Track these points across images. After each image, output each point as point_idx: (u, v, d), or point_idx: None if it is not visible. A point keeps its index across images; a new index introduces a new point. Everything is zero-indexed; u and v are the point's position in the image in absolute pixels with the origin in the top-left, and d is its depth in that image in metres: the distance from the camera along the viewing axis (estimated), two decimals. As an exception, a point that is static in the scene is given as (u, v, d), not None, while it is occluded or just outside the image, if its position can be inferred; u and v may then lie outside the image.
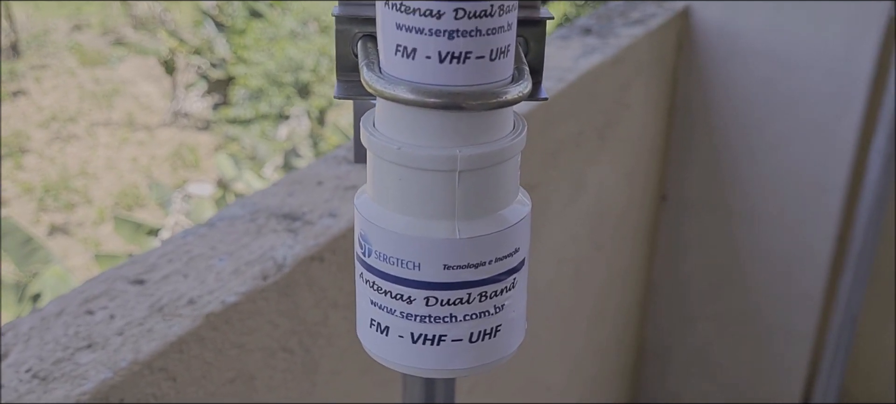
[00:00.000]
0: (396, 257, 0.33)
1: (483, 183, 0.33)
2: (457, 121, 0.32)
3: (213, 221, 0.77)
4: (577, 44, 1.26)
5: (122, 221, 5.89)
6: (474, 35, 0.31)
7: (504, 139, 0.33)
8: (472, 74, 0.31)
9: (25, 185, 8.74)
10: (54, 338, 0.60)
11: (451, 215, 0.32)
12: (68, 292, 0.66)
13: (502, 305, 0.34)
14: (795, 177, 1.40)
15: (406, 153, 0.32)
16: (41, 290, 4.57)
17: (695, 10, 1.45)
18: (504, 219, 0.33)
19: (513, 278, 0.34)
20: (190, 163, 9.14)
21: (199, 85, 9.46)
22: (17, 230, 5.20)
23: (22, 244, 5.13)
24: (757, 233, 1.47)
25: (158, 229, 5.58)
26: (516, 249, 0.34)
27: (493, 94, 0.31)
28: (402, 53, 0.31)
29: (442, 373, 0.35)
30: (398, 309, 0.34)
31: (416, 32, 0.30)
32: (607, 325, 1.48)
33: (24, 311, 4.46)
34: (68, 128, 9.85)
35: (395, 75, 0.31)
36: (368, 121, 0.34)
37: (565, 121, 1.14)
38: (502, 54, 0.32)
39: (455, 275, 0.33)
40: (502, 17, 0.31)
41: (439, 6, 0.30)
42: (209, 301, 0.65)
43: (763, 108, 1.41)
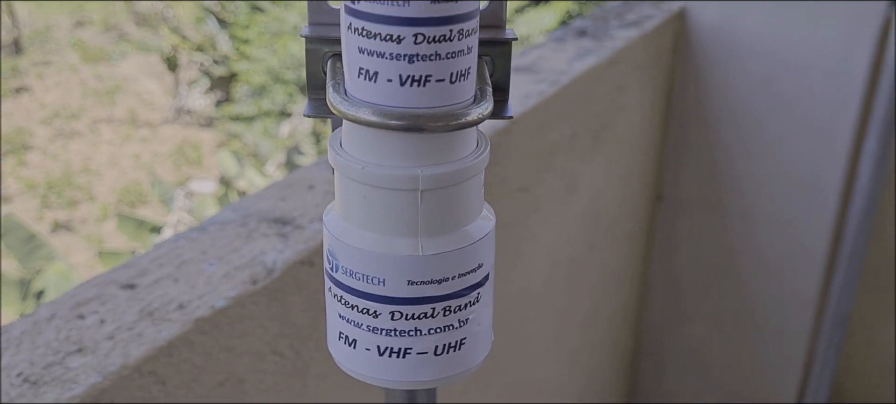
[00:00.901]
0: (362, 273, 0.34)
1: (446, 201, 0.34)
2: (419, 141, 0.33)
3: (205, 226, 0.77)
4: (572, 46, 1.27)
5: (124, 219, 5.91)
6: (434, 59, 0.32)
7: (466, 158, 0.34)
8: (433, 97, 0.32)
9: (28, 182, 8.76)
10: (45, 342, 0.61)
11: (414, 232, 0.33)
12: (60, 296, 0.66)
13: (466, 319, 0.35)
14: (791, 178, 1.41)
15: (370, 172, 0.33)
16: (44, 287, 4.59)
17: (691, 11, 1.45)
18: (467, 236, 0.34)
19: (477, 293, 0.35)
20: (193, 160, 9.16)
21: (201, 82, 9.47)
22: (20, 227, 5.22)
23: (25, 241, 5.14)
24: (753, 234, 1.48)
25: (161, 226, 5.60)
26: (480, 265, 0.35)
27: (453, 116, 0.32)
28: (364, 76, 0.32)
29: (408, 385, 0.36)
30: (365, 323, 0.35)
31: (378, 56, 0.31)
32: (602, 325, 1.49)
33: (28, 309, 4.48)
34: (71, 124, 9.87)
35: (358, 97, 0.32)
36: (335, 141, 0.35)
37: (559, 123, 1.14)
38: (462, 77, 0.33)
39: (419, 290, 0.34)
40: (462, 41, 0.32)
41: (399, 31, 0.31)
42: (199, 305, 0.66)
43: (759, 109, 1.41)
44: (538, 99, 1.07)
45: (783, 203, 1.43)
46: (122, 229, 5.81)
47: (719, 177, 1.48)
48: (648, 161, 1.48)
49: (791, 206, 1.42)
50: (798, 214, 1.41)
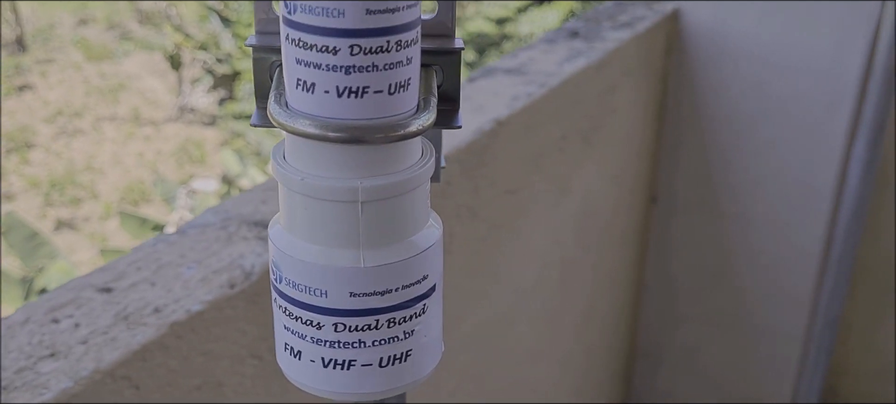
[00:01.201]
0: (305, 284, 0.34)
1: (387, 212, 0.33)
2: (358, 153, 0.32)
3: (185, 229, 0.77)
4: (563, 47, 1.26)
5: (127, 217, 5.91)
6: (371, 70, 0.31)
7: (409, 169, 0.34)
8: (371, 108, 0.32)
9: (32, 180, 8.78)
10: (18, 347, 0.61)
11: (355, 244, 0.33)
12: (36, 300, 0.66)
13: (412, 330, 0.35)
14: (785, 179, 1.40)
15: (309, 184, 0.33)
16: (46, 286, 4.59)
17: (684, 12, 1.44)
18: (411, 247, 0.34)
19: (422, 304, 0.35)
20: (196, 158, 9.17)
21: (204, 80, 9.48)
22: (23, 225, 5.22)
23: (27, 239, 5.15)
24: (747, 235, 1.47)
25: (163, 225, 5.61)
26: (425, 276, 0.35)
27: (392, 128, 0.32)
28: (302, 87, 0.32)
29: (354, 397, 0.35)
30: (309, 335, 0.34)
31: (314, 67, 0.31)
32: (596, 326, 1.48)
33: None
34: (74, 122, 9.88)
35: (297, 108, 0.32)
36: (279, 152, 0.34)
37: (548, 125, 1.14)
38: (402, 88, 0.32)
39: (362, 302, 0.34)
40: (400, 52, 0.32)
41: (335, 42, 0.30)
42: (175, 309, 0.66)
43: (753, 111, 1.41)
44: (527, 101, 1.07)
45: (777, 204, 1.42)
46: (124, 227, 5.81)
47: (714, 179, 1.47)
48: (642, 162, 1.48)
49: (785, 208, 1.41)
50: (792, 216, 1.41)
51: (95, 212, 8.34)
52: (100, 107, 10.24)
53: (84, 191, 8.66)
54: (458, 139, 0.96)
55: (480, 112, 1.03)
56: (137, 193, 8.55)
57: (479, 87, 1.11)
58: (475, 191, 1.01)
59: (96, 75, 10.89)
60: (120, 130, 9.79)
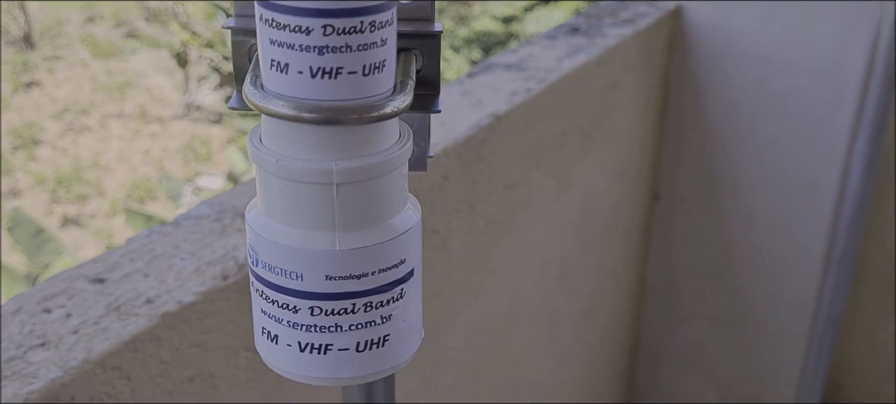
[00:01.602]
0: (281, 267, 0.33)
1: (364, 195, 0.33)
2: (333, 134, 0.32)
3: (179, 220, 0.77)
4: (564, 44, 1.26)
5: (133, 214, 5.93)
6: (344, 51, 0.31)
7: (385, 151, 0.33)
8: (345, 89, 0.31)
9: (39, 177, 8.80)
10: (8, 337, 0.61)
11: (331, 227, 0.33)
12: (28, 290, 0.66)
13: (390, 315, 0.35)
14: (787, 177, 1.39)
15: (284, 166, 0.32)
16: (50, 281, 4.60)
17: (687, 9, 1.44)
18: (388, 231, 0.34)
19: (400, 288, 0.35)
20: (202, 155, 9.18)
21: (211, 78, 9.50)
22: (29, 221, 5.24)
23: (33, 235, 5.16)
24: (750, 233, 1.47)
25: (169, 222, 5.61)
26: (402, 260, 0.34)
27: (367, 108, 0.32)
28: (276, 68, 0.31)
29: (331, 382, 0.35)
30: (285, 319, 0.34)
31: (288, 48, 0.31)
32: (598, 324, 1.48)
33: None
34: (81, 119, 9.91)
35: (272, 90, 0.32)
36: (255, 135, 0.34)
37: (548, 121, 1.13)
38: (377, 69, 0.32)
39: (337, 285, 0.33)
40: (374, 33, 0.31)
41: (308, 23, 0.30)
42: (166, 300, 0.66)
43: (755, 108, 1.40)
44: (526, 96, 1.07)
45: (780, 203, 1.42)
46: (130, 224, 5.82)
47: (716, 177, 1.47)
48: (644, 160, 1.47)
49: (788, 206, 1.41)
50: (794, 213, 1.40)
51: (101, 209, 8.36)
52: (107, 104, 10.26)
53: (90, 188, 8.68)
54: (456, 133, 0.96)
55: (479, 107, 1.03)
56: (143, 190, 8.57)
57: (478, 82, 1.11)
58: (473, 186, 1.00)
59: (103, 72, 10.91)
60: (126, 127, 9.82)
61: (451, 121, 0.98)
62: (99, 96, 10.38)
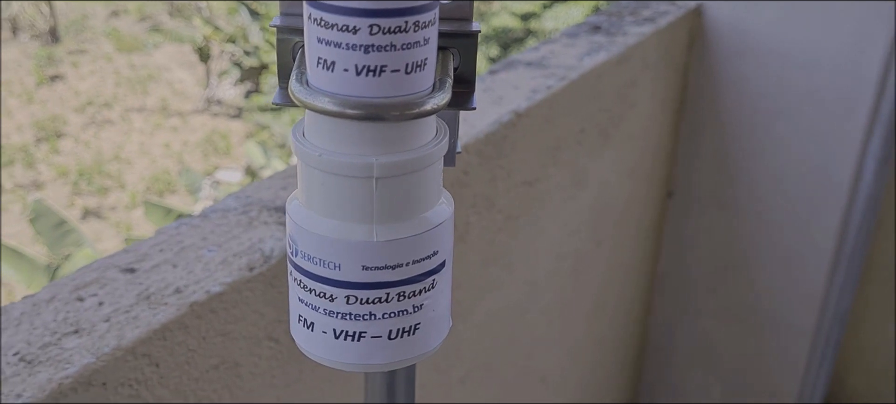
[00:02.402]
0: (319, 257, 0.35)
1: (401, 189, 0.34)
2: (374, 130, 0.34)
3: (207, 213, 0.79)
4: (584, 42, 1.27)
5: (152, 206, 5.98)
6: (389, 50, 0.32)
7: (423, 147, 0.35)
8: (388, 86, 0.33)
9: (61, 169, 8.89)
10: (43, 323, 0.63)
11: (369, 219, 0.34)
12: (61, 279, 0.68)
13: (421, 305, 0.36)
14: (801, 175, 1.40)
15: (326, 159, 0.34)
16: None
17: (707, 8, 1.45)
18: (422, 224, 0.35)
19: (432, 279, 0.36)
20: (221, 149, 9.24)
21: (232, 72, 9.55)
22: (51, 213, 5.30)
23: (55, 227, 5.22)
24: (763, 230, 1.47)
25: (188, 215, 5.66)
26: (435, 252, 0.36)
27: (408, 105, 0.33)
28: (322, 65, 0.33)
29: (361, 368, 0.36)
30: (322, 307, 0.36)
31: (335, 46, 0.32)
32: (608, 318, 1.49)
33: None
34: (104, 113, 9.99)
35: (317, 86, 0.33)
36: (299, 130, 0.36)
37: (566, 118, 1.15)
38: (418, 67, 0.33)
39: (373, 275, 0.35)
40: (418, 32, 0.33)
41: (355, 22, 0.32)
42: (195, 290, 0.68)
43: (772, 107, 1.41)
44: (545, 93, 1.08)
45: (794, 201, 1.42)
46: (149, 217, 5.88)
47: (731, 175, 1.47)
48: (659, 157, 1.48)
49: (801, 204, 1.41)
50: (808, 212, 1.41)
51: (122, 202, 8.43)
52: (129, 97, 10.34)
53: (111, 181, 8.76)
54: (477, 130, 0.97)
55: (500, 104, 1.04)
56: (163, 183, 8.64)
57: (499, 79, 1.12)
58: (492, 181, 1.02)
59: (126, 66, 11.00)
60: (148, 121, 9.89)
61: (472, 117, 1.00)
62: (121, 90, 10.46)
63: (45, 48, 11.26)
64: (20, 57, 11.10)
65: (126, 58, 11.17)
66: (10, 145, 9.28)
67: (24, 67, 10.85)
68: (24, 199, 8.25)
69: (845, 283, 1.28)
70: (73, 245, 5.19)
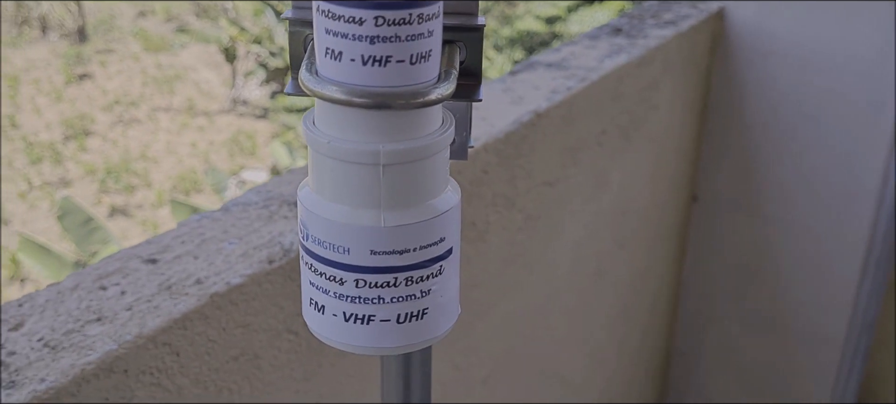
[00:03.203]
0: (329, 242, 0.36)
1: (408, 176, 0.35)
2: (381, 118, 0.35)
3: (229, 206, 0.80)
4: (605, 44, 1.27)
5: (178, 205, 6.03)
6: (394, 41, 0.33)
7: (429, 136, 0.36)
8: (394, 76, 0.34)
9: (88, 167, 8.99)
10: (67, 311, 0.64)
11: (376, 205, 0.35)
12: (86, 268, 0.70)
13: (429, 290, 0.37)
14: (827, 181, 1.39)
15: (335, 147, 0.35)
16: (98, 269, 4.70)
17: (730, 11, 1.44)
18: (429, 210, 0.36)
19: (439, 265, 0.37)
20: (247, 149, 9.30)
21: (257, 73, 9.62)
22: (79, 210, 5.36)
23: (82, 224, 5.28)
24: (788, 236, 1.47)
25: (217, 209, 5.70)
26: (442, 238, 0.37)
27: (413, 95, 0.34)
28: (330, 56, 0.34)
29: (372, 351, 0.37)
30: (332, 290, 0.37)
31: (342, 37, 0.33)
32: (631, 322, 1.49)
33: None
34: (131, 112, 10.09)
35: (326, 76, 0.34)
36: (309, 118, 0.37)
37: (587, 119, 1.15)
38: (423, 58, 0.34)
39: (381, 260, 0.36)
40: (422, 24, 0.34)
41: (361, 14, 0.33)
42: (215, 282, 0.69)
43: (797, 111, 1.40)
44: (565, 94, 1.08)
45: (819, 206, 1.41)
46: (175, 215, 5.93)
47: (756, 179, 1.47)
48: (683, 160, 1.48)
49: (827, 210, 1.40)
50: (834, 218, 1.40)
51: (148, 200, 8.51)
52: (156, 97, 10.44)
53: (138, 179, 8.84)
54: (497, 129, 0.98)
55: (520, 103, 1.05)
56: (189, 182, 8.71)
57: (520, 79, 1.13)
58: (512, 181, 1.02)
59: (153, 66, 11.10)
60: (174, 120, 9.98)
61: (492, 117, 1.00)
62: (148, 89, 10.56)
63: (73, 47, 11.39)
64: (49, 56, 11.24)
65: (153, 57, 11.27)
66: (38, 143, 9.39)
67: (53, 66, 10.98)
68: (53, 197, 8.35)
69: (873, 290, 1.27)
70: (100, 242, 5.24)
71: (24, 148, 9.32)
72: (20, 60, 11.07)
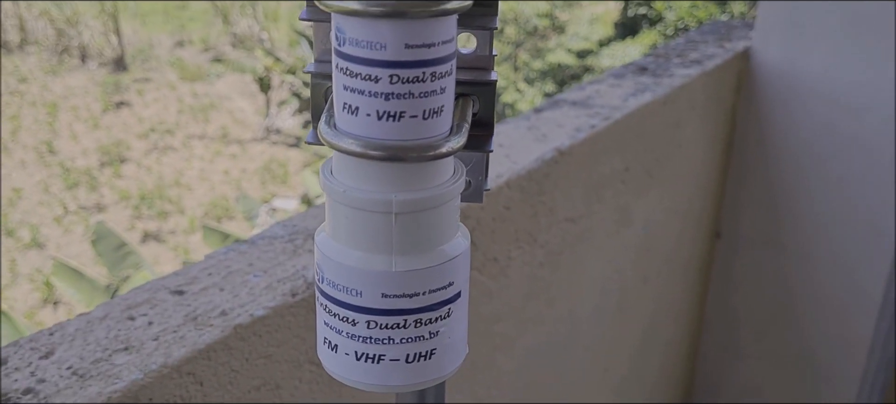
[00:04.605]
0: (342, 284, 0.38)
1: (418, 223, 0.37)
2: (394, 170, 0.36)
3: (255, 239, 0.82)
4: (630, 82, 1.29)
5: (210, 231, 6.10)
6: (408, 97, 0.35)
7: (440, 186, 0.37)
8: (407, 130, 0.36)
9: (123, 193, 9.12)
10: (96, 340, 0.66)
11: (388, 250, 0.37)
12: (115, 298, 0.72)
13: (437, 331, 0.38)
14: (850, 220, 1.39)
15: (350, 195, 0.37)
16: (130, 295, 4.76)
17: (756, 51, 1.45)
18: (439, 256, 0.38)
19: (448, 308, 0.38)
20: (279, 177, 9.39)
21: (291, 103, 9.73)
22: (112, 235, 5.44)
23: (115, 249, 5.36)
24: (810, 273, 1.46)
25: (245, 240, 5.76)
26: (451, 283, 0.38)
27: (425, 148, 0.36)
28: (347, 110, 0.36)
29: (381, 389, 0.39)
30: (344, 330, 0.38)
31: (359, 93, 0.35)
32: (654, 358, 1.49)
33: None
34: (166, 139, 10.24)
35: (343, 129, 0.36)
36: (327, 167, 0.39)
37: (610, 156, 1.16)
38: (436, 113, 0.36)
39: (392, 302, 0.37)
40: (435, 82, 0.35)
41: (377, 72, 0.34)
42: (240, 313, 0.71)
43: (821, 150, 1.41)
44: (589, 132, 1.10)
45: (843, 245, 1.41)
46: (207, 242, 6.00)
47: (779, 217, 1.47)
48: (707, 197, 1.48)
49: (850, 248, 1.40)
50: (857, 256, 1.40)
51: (181, 226, 8.61)
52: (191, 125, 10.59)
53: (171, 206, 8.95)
54: (519, 166, 0.99)
55: (544, 141, 1.06)
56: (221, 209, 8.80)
57: (544, 117, 1.14)
58: (534, 217, 1.04)
59: (189, 94, 11.27)
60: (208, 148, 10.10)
61: (516, 154, 1.02)
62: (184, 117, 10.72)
63: (112, 76, 11.61)
64: (88, 83, 11.46)
65: (189, 86, 11.45)
66: (75, 168, 9.55)
67: (92, 94, 11.19)
68: (87, 221, 8.48)
69: (891, 329, 1.26)
70: (133, 267, 5.31)
71: (61, 173, 9.48)
72: (60, 88, 11.30)
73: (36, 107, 10.83)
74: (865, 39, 1.32)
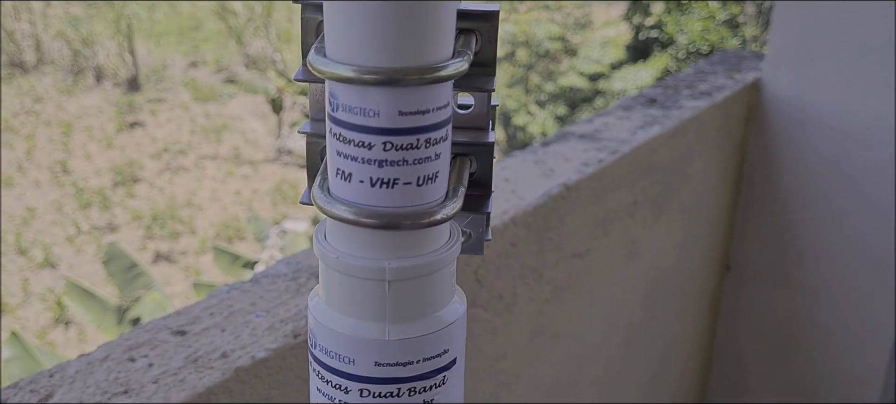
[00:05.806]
0: (335, 352, 0.37)
1: (413, 290, 0.36)
2: (388, 237, 0.36)
3: (258, 278, 0.82)
4: (639, 115, 1.28)
5: (220, 252, 6.11)
6: (401, 164, 0.34)
7: (434, 252, 0.37)
8: (401, 197, 0.35)
9: (135, 213, 9.15)
10: (96, 382, 0.66)
11: (382, 318, 0.36)
12: (116, 338, 0.72)
13: (432, 400, 0.38)
14: (860, 253, 1.38)
15: (343, 262, 0.36)
16: (140, 315, 4.78)
17: (766, 82, 1.45)
18: (433, 323, 0.37)
19: (443, 376, 0.38)
20: (290, 198, 9.40)
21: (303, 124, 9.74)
22: (123, 255, 5.46)
23: (126, 269, 5.37)
24: (822, 306, 1.45)
25: (254, 262, 5.77)
26: (446, 350, 0.37)
27: (419, 216, 0.35)
28: (341, 176, 0.35)
29: None
30: (337, 398, 0.38)
31: (352, 160, 0.35)
32: (661, 393, 1.47)
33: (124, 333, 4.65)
34: (178, 159, 10.28)
35: (336, 195, 0.36)
36: (320, 232, 0.38)
37: (618, 190, 1.15)
38: (430, 180, 0.35)
39: (385, 371, 0.37)
40: (429, 149, 0.35)
41: (370, 139, 0.34)
42: (241, 355, 0.70)
43: (831, 183, 1.39)
44: (597, 167, 1.09)
45: (854, 278, 1.40)
46: (217, 263, 6.01)
47: (789, 250, 1.46)
48: (716, 230, 1.47)
49: (861, 282, 1.39)
50: (868, 291, 1.38)
51: (192, 247, 8.63)
52: (203, 145, 10.63)
53: (183, 226, 8.98)
54: (526, 202, 0.99)
55: (550, 176, 1.06)
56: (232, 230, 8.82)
57: (551, 151, 1.14)
58: (540, 253, 1.03)
59: (202, 115, 11.33)
60: (220, 168, 10.14)
61: (523, 189, 1.01)
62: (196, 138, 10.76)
63: (126, 96, 11.68)
64: (102, 103, 11.53)
65: (202, 107, 11.50)
66: (88, 188, 9.60)
67: (106, 114, 11.26)
68: (99, 241, 8.52)
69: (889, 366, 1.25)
70: (143, 287, 5.32)
71: (75, 193, 9.53)
72: (74, 108, 11.38)
73: (51, 126, 10.90)
74: (876, 73, 1.31)
